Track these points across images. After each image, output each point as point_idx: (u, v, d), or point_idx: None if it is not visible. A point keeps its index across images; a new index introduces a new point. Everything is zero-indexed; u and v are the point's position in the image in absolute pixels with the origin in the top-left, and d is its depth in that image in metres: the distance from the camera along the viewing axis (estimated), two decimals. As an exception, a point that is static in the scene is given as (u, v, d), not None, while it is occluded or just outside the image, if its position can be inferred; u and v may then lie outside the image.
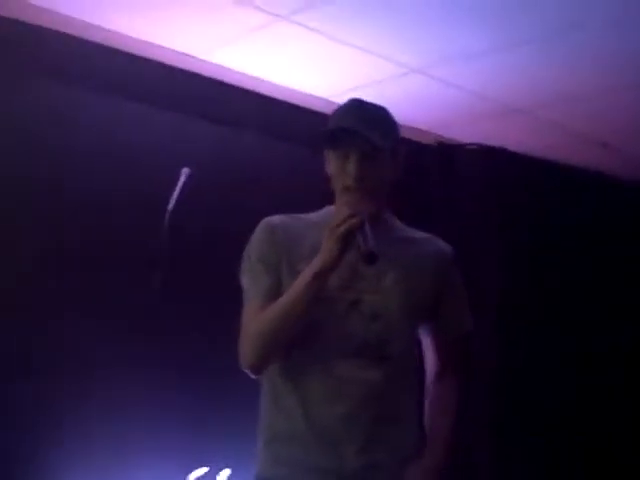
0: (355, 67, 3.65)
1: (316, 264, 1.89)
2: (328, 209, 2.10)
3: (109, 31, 3.32)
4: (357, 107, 2.06)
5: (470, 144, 4.60)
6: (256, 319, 1.98)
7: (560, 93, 3.83)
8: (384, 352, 2.00)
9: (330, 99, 3.81)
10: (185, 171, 3.43)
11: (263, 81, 3.78)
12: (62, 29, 3.26)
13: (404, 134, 2.15)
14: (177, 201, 3.40)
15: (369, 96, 2.11)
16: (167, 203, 3.39)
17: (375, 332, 1.99)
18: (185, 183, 3.42)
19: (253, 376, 2.03)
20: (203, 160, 3.55)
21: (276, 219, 2.08)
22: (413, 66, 3.59)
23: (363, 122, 1.98)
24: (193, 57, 3.56)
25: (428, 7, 3.02)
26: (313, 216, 2.11)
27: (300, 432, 1.98)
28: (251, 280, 2.05)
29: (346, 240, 1.87)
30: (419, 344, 2.20)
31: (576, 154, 4.59)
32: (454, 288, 2.17)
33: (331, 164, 2.04)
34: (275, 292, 1.98)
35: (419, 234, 2.17)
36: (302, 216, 2.12)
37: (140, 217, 3.41)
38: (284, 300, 1.93)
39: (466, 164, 4.63)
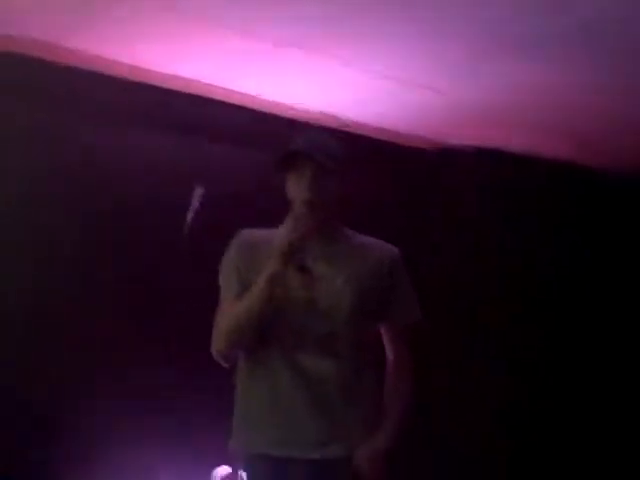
0: (351, 82, 3.87)
1: (267, 271, 2.29)
2: (283, 225, 2.47)
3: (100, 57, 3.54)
4: (307, 135, 2.47)
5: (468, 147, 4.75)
6: (225, 315, 2.38)
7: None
8: (338, 344, 2.36)
9: (328, 112, 4.12)
10: (198, 191, 3.88)
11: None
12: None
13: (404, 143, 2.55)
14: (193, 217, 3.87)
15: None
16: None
17: (329, 327, 2.36)
18: (199, 202, 3.88)
19: (223, 363, 2.41)
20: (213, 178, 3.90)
21: (246, 233, 2.49)
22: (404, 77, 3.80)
23: (312, 147, 2.38)
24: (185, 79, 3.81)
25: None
26: (280, 228, 2.48)
27: (269, 415, 2.37)
28: (225, 284, 2.45)
29: (287, 254, 2.28)
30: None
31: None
32: (401, 285, 2.50)
33: (290, 185, 2.42)
34: (241, 292, 2.37)
35: (367, 239, 2.52)
36: (270, 230, 2.50)
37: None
38: (245, 300, 2.33)
39: (466, 167, 4.81)
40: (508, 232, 4.82)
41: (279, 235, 2.39)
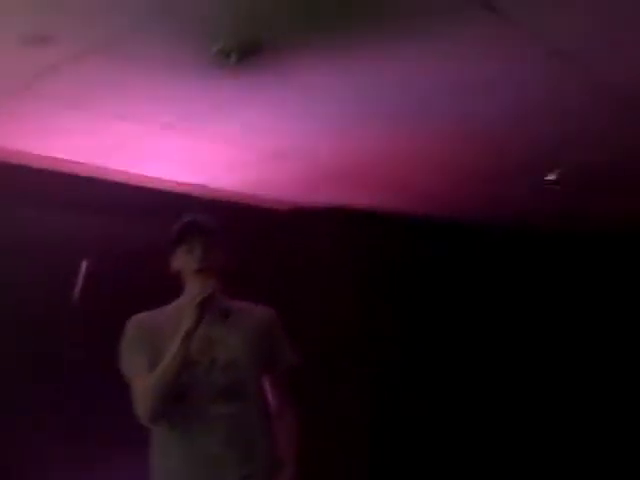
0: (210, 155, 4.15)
1: (183, 329, 2.64)
2: (179, 299, 2.86)
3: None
4: (190, 215, 2.89)
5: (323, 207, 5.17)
6: (145, 384, 2.67)
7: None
8: (240, 390, 2.76)
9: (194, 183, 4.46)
10: (84, 263, 4.18)
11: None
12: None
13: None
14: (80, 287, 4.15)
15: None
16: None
17: (232, 378, 2.75)
18: (86, 273, 4.17)
19: (151, 425, 2.73)
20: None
21: (140, 316, 2.83)
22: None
23: (199, 222, 2.84)
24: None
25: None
26: (170, 306, 2.87)
27: (189, 465, 2.69)
28: (132, 363, 2.75)
29: (203, 307, 2.65)
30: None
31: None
32: (279, 337, 2.96)
33: (179, 258, 2.84)
34: (151, 367, 2.68)
35: (245, 304, 2.95)
36: (162, 309, 2.87)
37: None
38: (163, 363, 2.64)
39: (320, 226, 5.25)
40: (360, 284, 5.33)
41: (179, 309, 2.75)
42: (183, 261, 2.84)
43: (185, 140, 3.90)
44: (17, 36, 2.69)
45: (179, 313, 2.72)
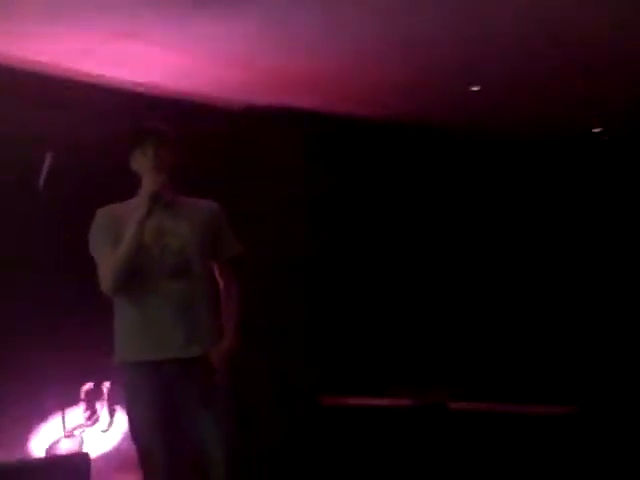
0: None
1: (137, 216, 3.14)
2: (136, 199, 3.30)
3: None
4: (146, 120, 3.37)
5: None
6: (108, 263, 3.19)
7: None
8: (188, 271, 3.25)
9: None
10: (49, 155, 4.58)
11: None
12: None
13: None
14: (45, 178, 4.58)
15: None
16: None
17: (181, 260, 3.25)
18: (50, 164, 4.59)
19: (112, 295, 3.24)
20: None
21: (105, 209, 3.32)
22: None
23: (152, 125, 3.31)
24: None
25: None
26: (130, 201, 3.33)
27: (141, 330, 3.22)
28: (99, 244, 3.25)
29: (153, 199, 3.14)
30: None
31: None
32: (224, 229, 3.44)
33: (135, 159, 3.30)
34: (113, 250, 3.19)
35: (193, 199, 3.42)
36: (124, 203, 3.33)
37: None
38: (123, 243, 3.15)
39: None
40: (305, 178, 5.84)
41: (138, 204, 3.22)
42: (139, 162, 3.29)
43: (148, 47, 4.30)
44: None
45: (136, 210, 3.20)
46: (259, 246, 5.00)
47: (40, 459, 4.25)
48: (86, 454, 4.01)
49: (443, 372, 6.03)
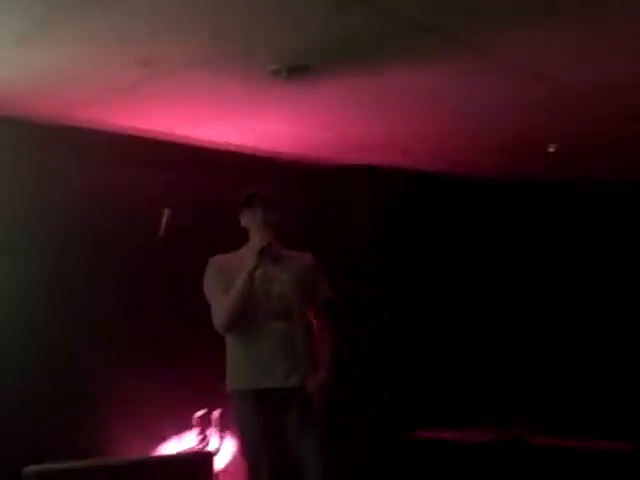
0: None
1: (247, 268, 3.72)
2: (246, 246, 3.93)
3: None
4: (255, 185, 3.96)
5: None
6: (221, 304, 3.79)
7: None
8: (289, 313, 3.84)
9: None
10: (167, 210, 5.24)
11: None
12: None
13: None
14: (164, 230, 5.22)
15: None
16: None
17: (282, 305, 3.84)
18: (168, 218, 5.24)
19: (224, 333, 3.83)
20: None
21: (218, 257, 3.94)
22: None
23: (261, 191, 3.90)
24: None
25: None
26: (239, 251, 3.94)
27: (249, 362, 3.81)
28: (212, 289, 3.86)
29: (261, 253, 3.72)
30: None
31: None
32: (319, 277, 4.03)
33: (245, 217, 3.92)
34: (225, 293, 3.77)
35: (295, 252, 4.03)
36: (234, 252, 3.94)
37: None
38: (235, 289, 3.73)
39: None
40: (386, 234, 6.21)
41: (244, 255, 3.83)
42: (248, 220, 3.92)
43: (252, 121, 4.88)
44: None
45: (243, 260, 3.80)
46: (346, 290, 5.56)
47: (171, 455, 4.71)
48: (210, 452, 4.54)
49: (524, 407, 6.18)
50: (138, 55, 3.60)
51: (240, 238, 4.01)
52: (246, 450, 3.87)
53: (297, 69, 3.76)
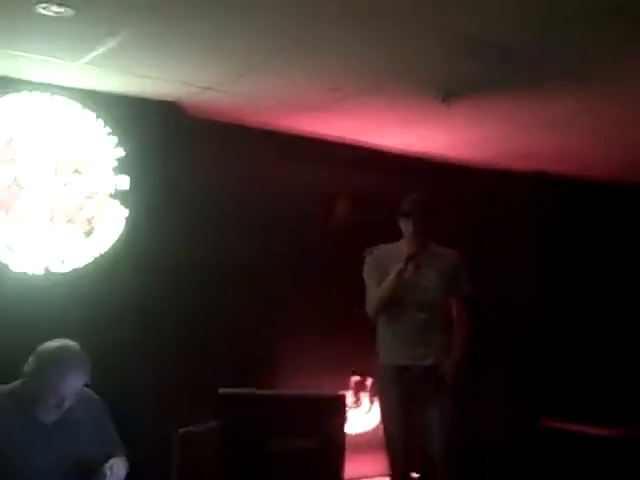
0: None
1: (396, 270, 4.42)
2: (400, 242, 4.58)
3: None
4: (412, 197, 4.58)
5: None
6: (374, 294, 4.51)
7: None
8: (430, 305, 4.50)
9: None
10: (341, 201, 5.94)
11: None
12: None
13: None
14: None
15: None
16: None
17: (426, 298, 4.50)
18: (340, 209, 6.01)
19: (373, 318, 4.54)
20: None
21: (375, 248, 4.59)
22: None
23: (414, 208, 4.51)
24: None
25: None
26: (394, 244, 4.57)
27: (395, 343, 4.51)
28: (369, 278, 4.57)
29: (409, 259, 4.40)
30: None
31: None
32: (460, 272, 4.60)
33: (401, 223, 4.54)
34: (378, 282, 4.48)
35: (442, 248, 4.62)
36: (390, 245, 4.60)
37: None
38: (385, 284, 4.43)
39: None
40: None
41: (401, 247, 4.50)
42: (403, 227, 4.56)
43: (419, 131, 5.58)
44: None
45: (399, 252, 4.48)
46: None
47: (310, 393, 4.80)
48: (342, 395, 4.69)
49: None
50: (330, 84, 4.50)
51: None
52: (384, 420, 4.61)
53: (452, 95, 4.47)
